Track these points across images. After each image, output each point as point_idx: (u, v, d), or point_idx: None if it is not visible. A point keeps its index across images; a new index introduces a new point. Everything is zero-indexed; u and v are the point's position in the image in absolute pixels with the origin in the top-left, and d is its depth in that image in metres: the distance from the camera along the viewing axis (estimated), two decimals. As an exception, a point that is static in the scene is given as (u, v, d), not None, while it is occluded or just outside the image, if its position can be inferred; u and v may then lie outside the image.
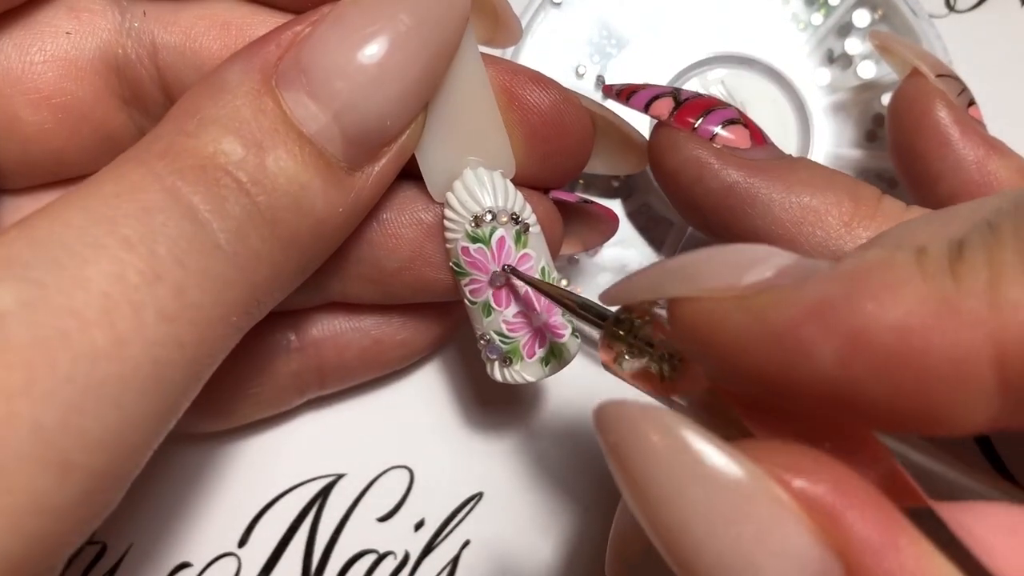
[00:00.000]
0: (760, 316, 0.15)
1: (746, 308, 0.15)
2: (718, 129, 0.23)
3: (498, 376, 0.24)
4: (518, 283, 0.23)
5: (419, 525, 0.28)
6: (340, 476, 0.28)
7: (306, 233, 0.18)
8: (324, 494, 0.28)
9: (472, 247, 0.22)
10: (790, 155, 0.23)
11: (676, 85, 0.29)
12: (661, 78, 0.29)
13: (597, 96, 0.29)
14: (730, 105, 0.24)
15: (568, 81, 0.29)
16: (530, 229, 0.23)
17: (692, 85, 0.29)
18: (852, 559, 0.14)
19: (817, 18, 0.29)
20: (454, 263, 0.23)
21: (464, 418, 0.29)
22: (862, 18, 0.29)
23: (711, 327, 0.15)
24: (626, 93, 0.25)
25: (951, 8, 0.31)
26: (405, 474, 0.28)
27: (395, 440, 0.29)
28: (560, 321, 0.24)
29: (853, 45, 0.29)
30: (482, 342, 0.23)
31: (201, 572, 0.28)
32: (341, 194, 0.19)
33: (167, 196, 0.16)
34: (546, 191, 0.24)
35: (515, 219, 0.22)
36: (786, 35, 0.29)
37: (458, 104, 0.21)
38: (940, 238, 0.14)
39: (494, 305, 0.23)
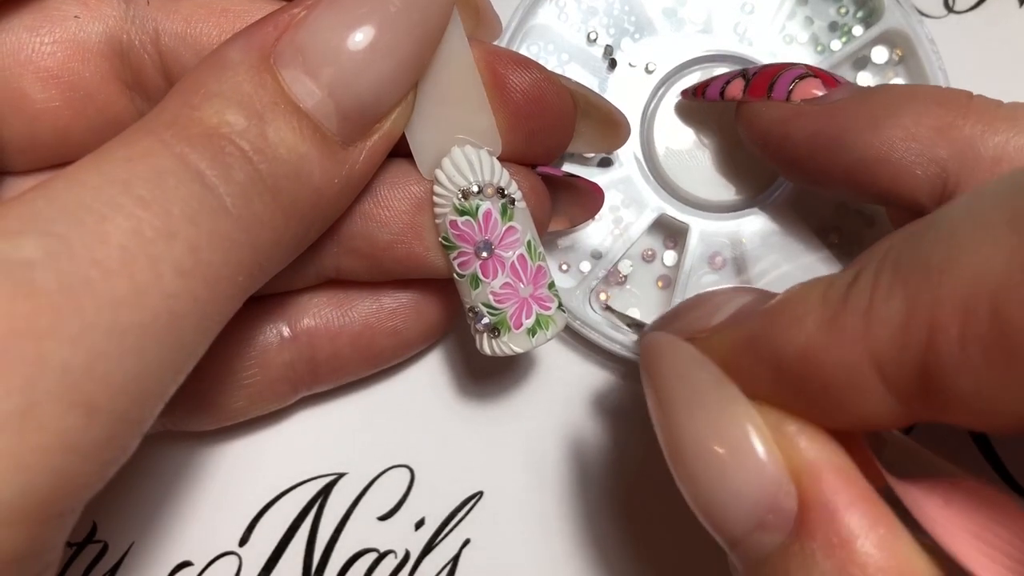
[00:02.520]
0: (716, 352, 0.18)
1: (709, 346, 0.19)
2: (791, 87, 0.24)
3: (486, 348, 0.24)
4: (505, 254, 0.23)
5: (419, 524, 0.28)
6: (341, 475, 0.28)
7: (304, 202, 0.19)
8: (325, 493, 0.28)
9: (460, 220, 0.23)
10: (868, 86, 0.24)
11: (680, 73, 0.29)
12: (669, 63, 0.29)
13: (601, 66, 0.29)
14: (796, 64, 0.25)
15: (578, 45, 0.29)
16: (516, 204, 0.23)
17: (694, 77, 0.29)
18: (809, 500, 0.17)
19: (836, 44, 0.29)
20: (443, 237, 0.23)
21: (465, 417, 0.29)
22: (880, 55, 0.29)
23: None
24: (700, 90, 0.27)
25: (950, 9, 0.31)
26: (406, 473, 0.28)
27: (396, 439, 0.29)
28: (547, 293, 0.24)
29: (865, 79, 0.29)
30: (470, 314, 0.24)
31: (202, 571, 0.28)
32: (336, 166, 0.20)
33: (177, 161, 0.17)
34: (533, 167, 0.25)
35: (501, 193, 0.23)
36: (802, 54, 0.30)
37: (446, 85, 0.22)
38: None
39: (481, 277, 0.23)
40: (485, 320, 0.24)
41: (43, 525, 0.15)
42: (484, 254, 0.23)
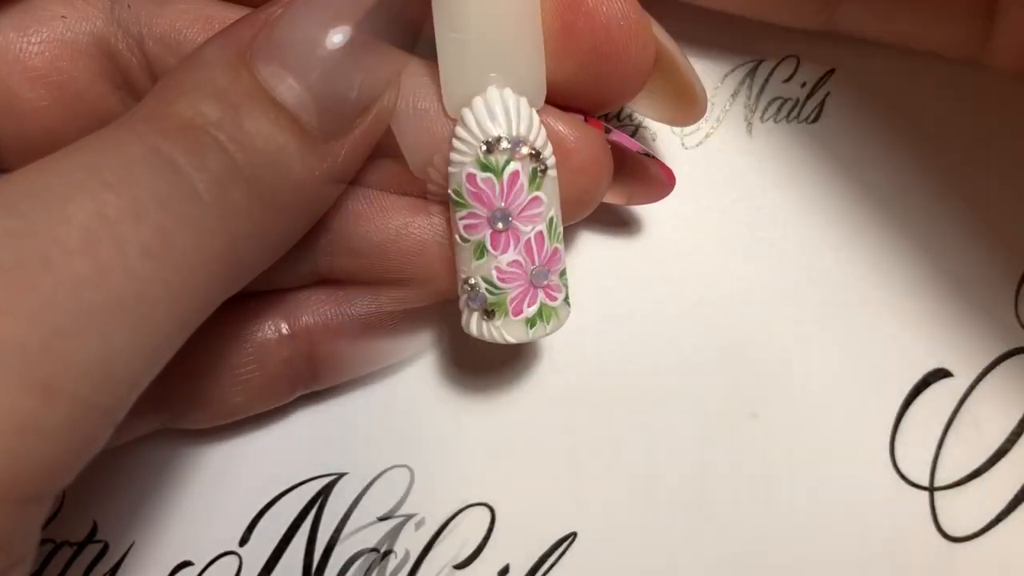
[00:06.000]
0: None
1: None
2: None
3: (474, 329, 0.22)
4: (523, 228, 0.20)
5: (420, 524, 0.28)
6: (341, 475, 0.28)
7: (285, 194, 0.19)
8: (325, 492, 0.28)
9: (480, 175, 0.20)
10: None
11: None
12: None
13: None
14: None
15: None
16: (548, 171, 0.20)
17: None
18: None
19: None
20: (454, 191, 0.20)
21: (467, 415, 0.28)
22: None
23: None
24: None
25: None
26: (406, 473, 0.28)
27: (396, 438, 0.28)
28: (557, 282, 0.22)
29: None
30: (465, 287, 0.21)
31: (202, 570, 0.28)
32: (318, 160, 0.19)
33: (148, 150, 0.17)
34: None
35: (535, 155, 0.20)
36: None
37: (495, 11, 0.19)
38: None
39: (490, 248, 0.20)
40: (481, 298, 0.21)
41: (2, 510, 0.15)
42: (500, 225, 0.20)
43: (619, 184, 0.24)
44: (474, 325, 0.22)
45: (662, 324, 0.28)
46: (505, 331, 0.21)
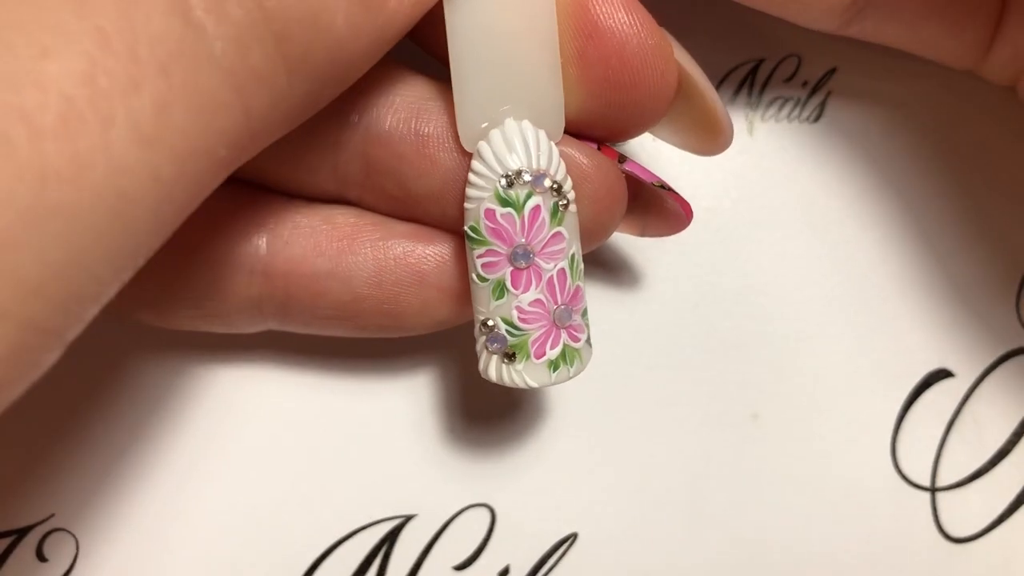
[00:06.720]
0: None
1: None
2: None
3: (492, 374, 0.20)
4: (545, 265, 0.19)
5: (504, 573, 0.27)
6: (409, 517, 0.27)
7: (320, 56, 0.15)
8: (391, 538, 0.27)
9: (499, 211, 0.19)
10: None
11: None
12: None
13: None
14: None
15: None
16: (569, 206, 0.20)
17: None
18: None
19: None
20: (471, 227, 0.19)
21: (469, 417, 0.28)
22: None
23: None
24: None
25: None
26: (485, 514, 0.27)
27: (473, 474, 0.27)
28: (580, 321, 0.21)
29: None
30: (482, 328, 0.20)
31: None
32: (367, 14, 0.15)
33: None
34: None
35: (557, 189, 0.19)
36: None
37: (512, 37, 0.18)
38: None
39: (510, 287, 0.19)
40: (501, 340, 0.20)
41: None
42: (521, 263, 0.19)
43: (633, 215, 0.23)
44: (493, 370, 0.20)
45: (662, 324, 0.28)
46: (527, 375, 0.20)
